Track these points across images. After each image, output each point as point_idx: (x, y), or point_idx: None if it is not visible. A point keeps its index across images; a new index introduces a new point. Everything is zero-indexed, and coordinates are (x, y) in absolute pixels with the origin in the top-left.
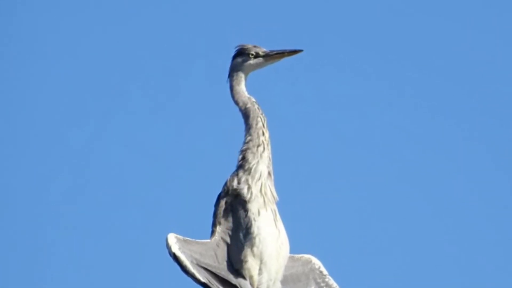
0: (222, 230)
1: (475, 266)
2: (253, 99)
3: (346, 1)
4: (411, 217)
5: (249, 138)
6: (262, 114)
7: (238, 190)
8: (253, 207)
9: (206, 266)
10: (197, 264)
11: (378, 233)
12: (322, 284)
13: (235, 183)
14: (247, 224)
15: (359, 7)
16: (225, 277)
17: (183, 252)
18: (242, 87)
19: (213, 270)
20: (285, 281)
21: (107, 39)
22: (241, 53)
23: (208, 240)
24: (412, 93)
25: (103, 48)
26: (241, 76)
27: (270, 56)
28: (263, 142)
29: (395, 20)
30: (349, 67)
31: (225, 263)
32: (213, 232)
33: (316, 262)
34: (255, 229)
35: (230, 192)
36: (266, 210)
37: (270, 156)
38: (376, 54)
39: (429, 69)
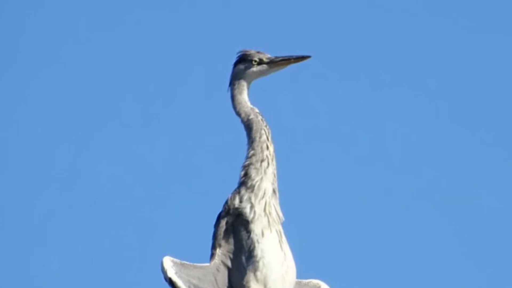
0: (223, 253)
1: None
2: (257, 110)
3: (357, 1)
4: (428, 240)
5: (252, 152)
6: (266, 126)
7: (240, 209)
8: (257, 227)
9: None
10: None
11: (392, 257)
12: None
13: (236, 201)
14: (249, 247)
15: (371, 7)
16: None
17: (179, 277)
18: (244, 97)
19: None
20: None
21: (95, 42)
22: (244, 60)
23: (207, 264)
24: (432, 102)
25: (91, 52)
26: (244, 84)
27: (275, 63)
28: (267, 156)
29: (413, 20)
30: (362, 74)
31: None
32: (212, 255)
33: None
34: (258, 251)
35: (231, 211)
36: (271, 231)
37: (275, 172)
38: (392, 59)
39: (451, 75)
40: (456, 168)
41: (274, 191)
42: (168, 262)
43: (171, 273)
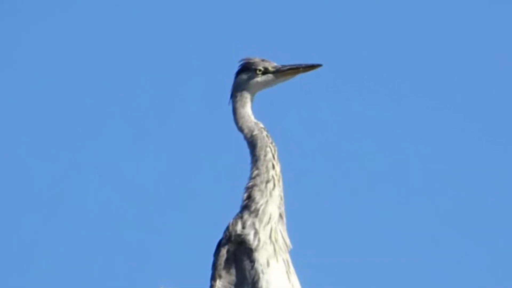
0: (223, 285)
1: None
2: (261, 125)
3: (374, 4)
4: (454, 267)
5: (256, 172)
6: (272, 143)
7: (242, 236)
8: (261, 256)
9: None
10: None
11: None
12: None
13: (239, 227)
14: (253, 278)
15: (389, 10)
16: None
17: None
18: (247, 110)
19: None
20: None
21: (79, 50)
22: (247, 69)
23: None
24: (458, 116)
25: (74, 60)
26: (247, 96)
27: (282, 72)
28: (273, 177)
29: (436, 26)
30: (380, 85)
31: None
32: (212, 287)
33: None
34: (263, 283)
35: (233, 238)
36: (277, 260)
37: (282, 194)
38: (413, 67)
39: (479, 86)
40: (485, 189)
41: (281, 215)
42: None
43: None
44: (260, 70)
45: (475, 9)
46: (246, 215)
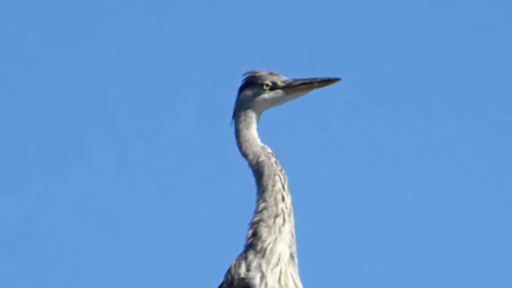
0: None
1: None
2: (269, 150)
3: (401, 12)
4: None
5: (263, 205)
6: (281, 171)
7: (247, 280)
8: None
9: None
10: None
11: None
12: None
13: (242, 270)
14: None
15: (420, 19)
16: None
17: None
18: (253, 132)
19: None
20: None
21: (56, 64)
22: (252, 83)
23: None
24: (501, 139)
25: (50, 75)
26: (252, 116)
27: (293, 88)
28: (282, 211)
29: (474, 37)
30: (409, 104)
31: None
32: None
33: None
34: None
35: (235, 283)
36: None
37: (294, 231)
38: (449, 84)
39: None
40: None
41: (291, 256)
42: None
43: None
44: (267, 85)
45: None
46: (251, 256)
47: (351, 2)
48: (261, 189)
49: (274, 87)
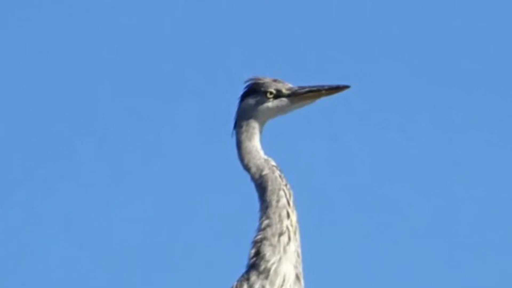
0: None
1: None
2: (273, 163)
3: (415, 17)
4: None
5: (266, 222)
6: (286, 186)
7: None
8: None
9: None
10: None
11: None
12: None
13: None
14: None
15: (436, 23)
16: None
17: None
18: (255, 144)
19: None
20: None
21: (45, 70)
22: (255, 91)
23: None
24: None
25: (39, 82)
26: (255, 126)
27: (299, 96)
28: (288, 228)
29: (493, 42)
30: (423, 114)
31: None
32: None
33: None
34: None
35: None
36: None
37: (299, 250)
38: (467, 93)
39: None
40: None
41: (297, 277)
42: None
43: None
44: (271, 93)
45: None
46: (253, 277)
47: (362, 6)
48: (265, 205)
49: (278, 95)
